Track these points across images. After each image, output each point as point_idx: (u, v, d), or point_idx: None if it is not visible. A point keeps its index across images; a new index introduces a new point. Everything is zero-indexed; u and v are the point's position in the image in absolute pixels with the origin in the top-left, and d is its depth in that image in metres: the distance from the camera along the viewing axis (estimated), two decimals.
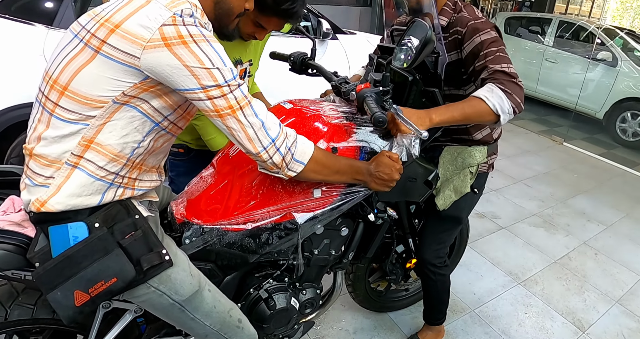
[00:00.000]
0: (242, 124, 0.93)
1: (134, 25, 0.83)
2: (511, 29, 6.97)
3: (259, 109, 0.96)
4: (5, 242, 0.95)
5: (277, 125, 0.99)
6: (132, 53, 0.83)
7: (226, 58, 0.90)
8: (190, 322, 1.12)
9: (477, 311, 2.24)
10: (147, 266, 0.95)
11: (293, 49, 1.59)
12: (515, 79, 1.29)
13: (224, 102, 0.90)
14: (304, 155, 1.02)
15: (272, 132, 0.97)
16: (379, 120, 1.00)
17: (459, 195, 1.60)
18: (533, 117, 6.20)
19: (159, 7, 0.85)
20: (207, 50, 0.87)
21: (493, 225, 3.11)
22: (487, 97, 1.25)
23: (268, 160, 0.98)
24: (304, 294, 1.43)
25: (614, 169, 4.54)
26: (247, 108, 0.93)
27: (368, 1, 8.13)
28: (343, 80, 1.32)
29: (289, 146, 1.00)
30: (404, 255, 1.85)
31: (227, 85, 0.89)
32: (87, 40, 0.86)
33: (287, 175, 1.03)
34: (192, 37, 0.85)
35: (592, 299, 2.43)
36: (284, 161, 0.99)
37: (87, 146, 0.89)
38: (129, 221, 0.97)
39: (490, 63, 1.31)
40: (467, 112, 1.26)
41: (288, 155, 1.00)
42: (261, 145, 0.96)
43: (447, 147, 1.59)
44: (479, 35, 1.33)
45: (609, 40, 5.68)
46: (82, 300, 0.91)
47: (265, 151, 0.96)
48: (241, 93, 0.92)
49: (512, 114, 1.28)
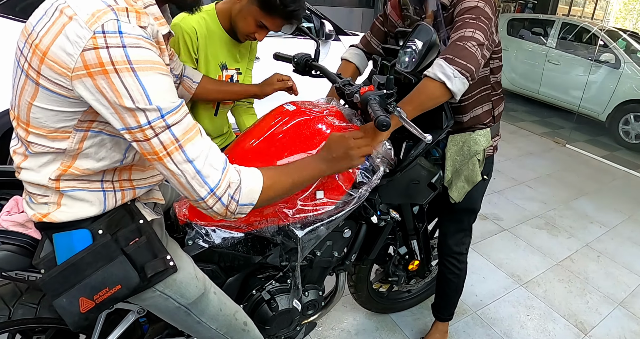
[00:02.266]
0: (172, 171, 0.81)
1: (58, 51, 0.74)
2: (514, 31, 6.96)
3: (195, 152, 0.82)
4: (9, 243, 0.95)
5: (219, 171, 0.85)
6: (65, 85, 0.76)
7: (155, 91, 0.76)
8: (196, 326, 1.11)
9: (479, 313, 2.24)
10: (151, 273, 0.94)
11: (296, 50, 1.59)
12: (462, 42, 1.21)
13: (149, 147, 0.79)
14: (252, 196, 0.90)
15: (211, 180, 0.84)
16: (382, 123, 0.99)
17: (472, 185, 1.59)
18: (535, 118, 6.20)
19: (78, 27, 0.73)
20: (129, 83, 0.74)
21: (495, 227, 3.10)
22: (428, 71, 1.21)
23: (208, 209, 0.87)
24: (307, 295, 1.43)
25: (617, 171, 4.53)
26: (177, 153, 0.80)
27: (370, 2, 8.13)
28: (347, 82, 1.32)
29: (232, 194, 0.87)
30: (406, 257, 1.84)
31: (150, 127, 0.77)
32: (26, 71, 0.78)
33: (237, 218, 0.92)
34: (113, 64, 0.72)
35: (594, 302, 2.43)
36: (227, 210, 0.88)
37: (65, 171, 0.87)
38: (133, 227, 0.97)
39: (454, 32, 1.25)
40: (415, 99, 1.22)
41: (232, 204, 0.88)
42: (198, 194, 0.84)
43: (450, 137, 1.57)
44: (461, 3, 1.29)
45: (611, 42, 5.67)
46: (87, 307, 0.91)
47: (204, 201, 0.85)
48: (170, 136, 0.79)
49: (460, 77, 1.18)
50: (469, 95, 1.48)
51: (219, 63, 1.59)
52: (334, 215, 1.20)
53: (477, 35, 1.22)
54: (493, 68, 1.50)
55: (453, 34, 1.25)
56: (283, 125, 1.20)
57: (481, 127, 1.54)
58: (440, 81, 1.19)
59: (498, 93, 1.55)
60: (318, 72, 1.52)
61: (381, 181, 1.30)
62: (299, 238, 1.16)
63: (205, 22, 1.52)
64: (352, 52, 1.74)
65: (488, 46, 1.27)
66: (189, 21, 1.48)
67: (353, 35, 3.79)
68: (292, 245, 1.19)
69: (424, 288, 2.19)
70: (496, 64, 1.50)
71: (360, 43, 1.76)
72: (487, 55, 1.28)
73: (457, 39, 1.23)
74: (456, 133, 1.56)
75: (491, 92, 1.53)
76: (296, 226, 1.17)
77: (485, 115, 1.53)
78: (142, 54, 0.75)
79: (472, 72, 1.20)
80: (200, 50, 1.52)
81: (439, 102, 1.25)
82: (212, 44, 1.54)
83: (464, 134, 1.55)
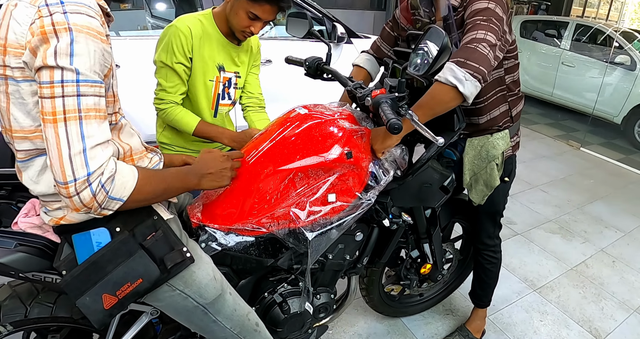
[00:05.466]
0: (59, 139, 0.77)
1: (12, 35, 0.79)
2: (527, 33, 6.89)
3: (93, 131, 0.79)
4: (27, 245, 0.96)
5: (103, 158, 0.81)
6: (24, 66, 0.79)
7: (82, 55, 0.76)
8: (211, 325, 1.13)
9: (492, 318, 2.22)
10: (170, 265, 0.97)
11: (308, 54, 1.60)
12: (472, 44, 1.20)
13: (50, 105, 0.76)
14: (123, 192, 0.84)
15: (93, 164, 0.79)
16: (394, 126, 0.99)
17: (491, 189, 1.60)
18: (549, 121, 6.13)
19: (24, 8, 0.78)
20: (62, 43, 0.75)
21: (508, 231, 3.07)
22: (438, 75, 1.20)
23: (74, 196, 0.79)
24: (318, 298, 1.43)
25: (632, 175, 4.46)
26: (74, 123, 0.77)
27: (382, 5, 8.14)
28: (358, 85, 1.32)
29: (104, 183, 0.80)
30: (418, 260, 1.84)
31: (61, 86, 0.76)
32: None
33: (101, 214, 0.85)
34: (53, 25, 0.75)
35: (609, 308, 2.39)
36: (95, 199, 0.80)
37: None
38: (149, 222, 0.99)
39: (464, 35, 1.25)
40: (426, 104, 1.21)
41: (101, 194, 0.80)
42: (72, 174, 0.77)
43: (468, 141, 1.56)
44: (471, 5, 1.28)
45: (627, 44, 5.58)
46: (111, 303, 0.93)
47: (74, 183, 0.78)
48: (75, 104, 0.77)
49: (472, 80, 1.17)
50: (485, 98, 1.47)
51: (216, 65, 1.63)
52: (344, 217, 1.20)
53: (488, 37, 1.21)
54: (507, 68, 1.48)
55: (464, 37, 1.24)
56: (295, 128, 1.21)
57: (499, 129, 1.53)
58: (452, 85, 1.18)
59: (515, 93, 1.54)
60: (330, 75, 1.53)
61: (393, 184, 1.30)
62: (308, 241, 1.17)
63: (202, 24, 1.56)
64: (363, 57, 1.74)
65: (501, 47, 1.26)
66: (184, 21, 1.52)
67: (365, 38, 3.79)
68: (303, 249, 1.20)
69: (436, 292, 2.17)
70: (511, 64, 1.48)
71: (371, 49, 1.76)
72: (501, 56, 1.27)
73: (469, 42, 1.22)
74: (474, 136, 1.55)
75: (507, 92, 1.51)
76: (306, 228, 1.17)
77: (503, 116, 1.52)
78: (82, 19, 0.77)
79: (484, 74, 1.19)
80: (195, 49, 1.55)
81: (450, 107, 1.24)
82: (209, 45, 1.58)
83: (482, 138, 1.54)
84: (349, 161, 1.18)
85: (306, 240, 1.17)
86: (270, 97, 2.03)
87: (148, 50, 1.63)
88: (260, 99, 1.87)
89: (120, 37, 3.16)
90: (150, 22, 4.07)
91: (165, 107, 1.59)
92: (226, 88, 1.71)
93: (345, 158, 1.17)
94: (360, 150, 1.21)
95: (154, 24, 4.01)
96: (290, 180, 1.17)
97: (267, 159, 1.19)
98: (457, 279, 2.19)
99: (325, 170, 1.18)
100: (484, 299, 2.04)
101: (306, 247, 1.18)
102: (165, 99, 1.58)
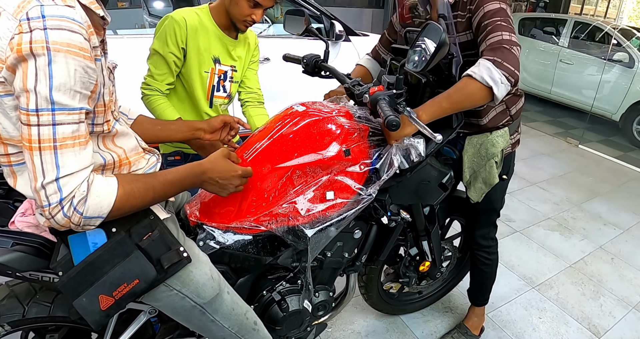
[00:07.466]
0: (34, 167, 0.77)
1: None
2: (525, 30, 6.89)
3: (67, 161, 0.79)
4: (23, 244, 0.96)
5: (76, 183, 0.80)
6: (4, 80, 0.76)
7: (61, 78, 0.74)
8: (210, 324, 1.13)
9: (491, 315, 2.22)
10: (167, 265, 0.97)
11: (306, 51, 1.60)
12: (506, 45, 1.19)
13: (27, 133, 0.76)
14: (100, 210, 0.84)
15: (65, 189, 0.79)
16: (392, 123, 0.99)
17: (490, 187, 1.61)
18: (548, 119, 6.13)
19: (6, 20, 0.74)
20: (40, 65, 0.73)
21: (507, 229, 3.07)
22: (473, 72, 1.19)
23: (50, 219, 0.80)
24: (317, 296, 1.43)
25: (631, 172, 4.46)
26: (49, 153, 0.77)
27: (380, 3, 8.12)
28: (356, 83, 1.32)
29: (76, 206, 0.80)
30: (417, 258, 1.84)
31: (37, 115, 0.74)
32: None
33: (85, 229, 0.86)
34: (31, 43, 0.72)
35: (608, 305, 2.39)
36: (70, 222, 0.81)
37: None
38: (145, 222, 0.98)
39: (487, 35, 1.24)
40: (454, 97, 1.20)
41: (75, 217, 0.81)
42: (47, 200, 0.78)
43: (467, 139, 1.56)
44: (483, 7, 1.28)
45: (625, 41, 5.58)
46: (108, 304, 0.92)
47: (49, 208, 0.79)
48: (50, 134, 0.76)
49: (506, 83, 1.17)
50: None
51: (211, 57, 1.65)
52: (343, 214, 1.20)
53: (513, 38, 1.22)
54: None
55: (489, 37, 1.24)
56: (293, 126, 1.20)
57: (499, 127, 1.53)
58: (487, 85, 1.17)
59: (512, 92, 1.54)
60: (327, 73, 1.52)
61: (391, 181, 1.30)
62: (308, 238, 1.16)
63: (198, 17, 1.58)
64: (365, 58, 1.79)
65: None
66: (179, 13, 1.55)
67: (363, 35, 3.78)
68: (302, 246, 1.19)
69: (434, 290, 2.18)
70: None
71: (371, 53, 1.80)
72: None
73: (499, 42, 1.21)
74: (473, 134, 1.55)
75: None
76: (305, 226, 1.17)
77: (500, 116, 1.52)
78: (62, 36, 0.74)
79: (517, 78, 1.19)
80: (189, 40, 1.57)
81: (476, 105, 1.23)
82: (204, 37, 1.60)
83: (481, 136, 1.54)
84: (347, 158, 1.18)
85: (306, 237, 1.16)
86: (268, 94, 2.03)
87: (146, 49, 1.63)
88: (259, 94, 1.88)
89: (117, 36, 3.15)
90: (148, 21, 4.07)
91: (150, 93, 1.62)
92: (221, 81, 1.73)
93: (343, 155, 1.17)
94: (358, 147, 1.20)
95: (152, 22, 4.00)
96: (288, 177, 1.16)
97: (265, 157, 1.18)
98: (456, 276, 2.20)
99: (323, 167, 1.18)
100: (480, 298, 2.05)
101: (306, 244, 1.18)
102: (152, 86, 1.61)
